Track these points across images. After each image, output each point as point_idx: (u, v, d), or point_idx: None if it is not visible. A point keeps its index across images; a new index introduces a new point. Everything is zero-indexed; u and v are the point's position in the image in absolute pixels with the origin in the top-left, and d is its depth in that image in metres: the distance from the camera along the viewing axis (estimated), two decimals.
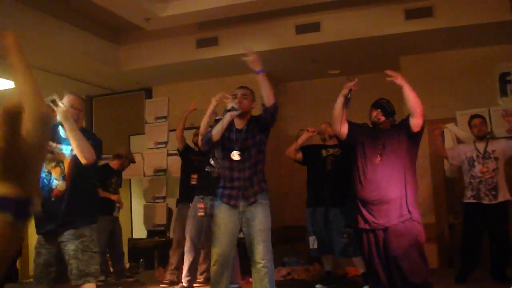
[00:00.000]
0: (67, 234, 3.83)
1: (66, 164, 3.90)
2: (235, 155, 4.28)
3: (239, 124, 4.44)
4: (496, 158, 5.73)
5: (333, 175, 5.65)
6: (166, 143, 8.69)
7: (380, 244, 4.40)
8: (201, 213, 5.60)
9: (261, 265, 4.16)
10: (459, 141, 6.80)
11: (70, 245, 3.82)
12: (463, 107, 7.08)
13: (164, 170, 8.57)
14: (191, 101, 8.63)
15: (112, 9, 6.51)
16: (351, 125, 4.65)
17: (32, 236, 4.22)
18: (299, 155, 5.94)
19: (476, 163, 5.75)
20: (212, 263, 4.26)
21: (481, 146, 5.82)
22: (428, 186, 7.31)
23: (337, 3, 6.67)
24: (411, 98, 4.40)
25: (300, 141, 5.87)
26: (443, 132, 7.11)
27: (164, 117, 8.80)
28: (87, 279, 3.81)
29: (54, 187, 3.88)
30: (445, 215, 6.98)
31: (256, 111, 4.59)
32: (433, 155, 7.33)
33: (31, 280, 4.83)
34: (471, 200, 5.75)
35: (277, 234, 8.06)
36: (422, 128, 4.51)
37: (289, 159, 6.20)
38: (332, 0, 6.50)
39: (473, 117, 6.02)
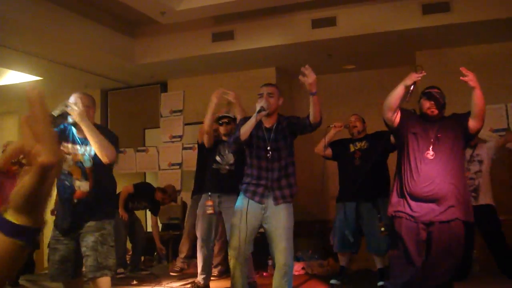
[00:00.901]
0: (87, 226, 3.83)
1: (87, 164, 3.89)
2: (270, 154, 4.27)
3: (267, 123, 4.39)
4: (480, 161, 5.66)
5: (362, 170, 5.47)
6: (181, 136, 8.71)
7: (422, 238, 4.19)
8: (210, 211, 5.59)
9: (283, 263, 4.17)
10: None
11: (89, 236, 3.81)
12: None
13: (179, 164, 8.60)
14: (206, 95, 8.66)
15: (127, 3, 6.52)
16: (404, 112, 4.38)
17: (48, 228, 4.24)
18: (328, 152, 5.85)
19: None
20: (230, 256, 4.27)
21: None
22: None
23: None
24: (480, 102, 4.18)
25: (328, 137, 5.76)
26: None
27: (180, 111, 8.81)
28: (105, 272, 3.80)
29: (77, 188, 3.84)
30: None
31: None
32: None
33: (46, 272, 4.86)
34: None
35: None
36: (478, 133, 4.37)
37: (304, 154, 6.17)
38: None
39: None
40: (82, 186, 3.85)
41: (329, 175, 6.15)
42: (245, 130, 4.22)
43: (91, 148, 3.84)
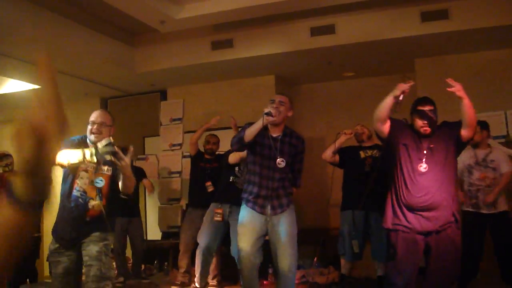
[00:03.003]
0: (92, 235, 3.86)
1: (104, 185, 3.93)
2: (281, 163, 4.28)
3: (274, 132, 4.42)
4: (494, 169, 5.65)
5: (371, 177, 5.43)
6: (181, 145, 8.71)
7: (419, 250, 4.26)
8: (218, 218, 5.61)
9: (286, 271, 4.22)
10: None
11: (94, 246, 3.83)
12: (479, 109, 6.99)
13: (179, 172, 8.60)
14: (206, 102, 8.67)
15: (127, 12, 6.54)
16: (393, 122, 4.39)
17: (48, 235, 4.24)
18: (336, 158, 5.84)
19: (474, 170, 5.66)
20: (238, 264, 4.30)
21: (480, 153, 5.71)
22: None
23: (352, 5, 6.65)
24: (470, 112, 4.26)
25: (338, 144, 5.72)
26: None
27: (179, 119, 8.82)
28: (107, 282, 3.81)
29: (90, 207, 3.88)
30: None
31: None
32: None
33: (46, 281, 4.88)
34: (470, 209, 5.65)
35: None
36: (469, 140, 4.42)
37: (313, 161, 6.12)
38: (347, 2, 6.47)
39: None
40: (96, 205, 3.88)
41: (328, 182, 6.16)
42: (250, 132, 4.23)
43: (109, 168, 3.94)
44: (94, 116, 3.98)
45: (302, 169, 4.57)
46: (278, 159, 4.29)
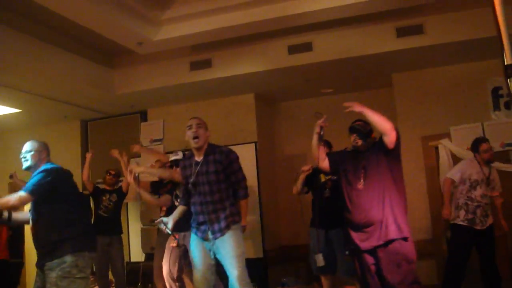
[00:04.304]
0: (50, 264, 3.96)
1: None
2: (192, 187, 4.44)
3: (198, 156, 4.52)
4: (493, 188, 5.81)
5: (332, 200, 5.65)
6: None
7: (371, 266, 4.44)
8: (173, 244, 5.62)
9: None
10: (453, 157, 6.86)
11: (52, 273, 3.93)
12: (457, 122, 7.14)
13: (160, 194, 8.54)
14: (186, 123, 8.68)
15: (104, 34, 6.54)
16: (330, 157, 4.79)
17: (30, 266, 4.32)
18: (304, 191, 6.03)
19: (478, 187, 5.74)
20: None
21: (486, 170, 5.82)
22: (424, 201, 7.33)
23: (328, 23, 6.71)
24: (375, 119, 4.40)
25: (299, 182, 5.90)
26: (437, 148, 7.17)
27: (160, 140, 8.80)
28: None
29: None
30: (442, 230, 6.96)
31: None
32: (428, 170, 7.37)
33: None
34: (465, 224, 5.73)
35: (275, 254, 8.07)
36: (398, 142, 4.48)
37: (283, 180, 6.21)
38: (323, 20, 6.54)
39: (481, 141, 5.91)
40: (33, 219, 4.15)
41: (308, 198, 6.21)
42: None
43: None
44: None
45: (241, 180, 4.55)
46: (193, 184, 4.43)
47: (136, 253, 8.73)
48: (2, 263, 6.52)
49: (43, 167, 4.17)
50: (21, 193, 3.94)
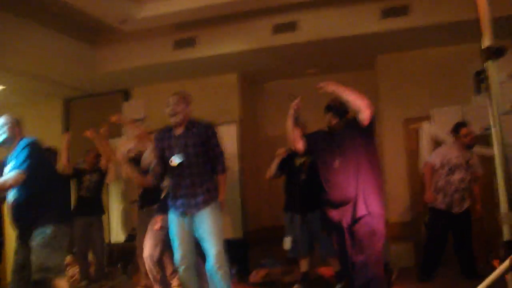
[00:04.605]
0: (33, 234, 4.07)
1: None
2: (172, 161, 4.33)
3: (178, 131, 4.48)
4: (472, 173, 5.83)
5: (307, 183, 5.77)
6: None
7: (347, 242, 4.48)
8: (156, 227, 5.58)
9: (215, 268, 4.26)
10: (434, 140, 6.90)
11: (33, 242, 4.03)
12: (439, 104, 7.16)
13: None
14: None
15: (87, 11, 6.45)
16: (306, 139, 4.76)
17: (10, 244, 4.31)
18: (277, 174, 6.16)
19: (457, 172, 5.78)
20: (179, 271, 4.35)
21: (466, 155, 5.85)
22: (404, 184, 7.38)
23: (313, 3, 6.68)
24: (349, 97, 4.43)
25: (274, 166, 6.08)
26: (418, 131, 7.20)
27: (142, 119, 8.73)
28: (46, 274, 3.97)
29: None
30: (421, 213, 7.02)
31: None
32: (409, 153, 7.40)
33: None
34: (443, 207, 5.79)
35: (256, 235, 8.09)
36: (373, 119, 4.48)
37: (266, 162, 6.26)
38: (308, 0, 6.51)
39: (461, 125, 5.97)
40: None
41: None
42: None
43: None
44: None
45: (219, 154, 4.52)
46: (172, 157, 4.34)
47: (116, 234, 8.72)
48: None
49: (24, 141, 4.19)
50: (15, 173, 4.01)
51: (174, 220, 4.43)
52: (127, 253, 7.83)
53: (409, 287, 5.80)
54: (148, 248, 5.63)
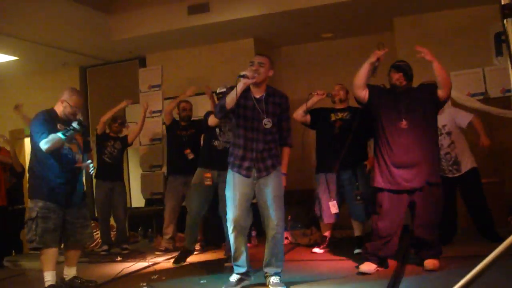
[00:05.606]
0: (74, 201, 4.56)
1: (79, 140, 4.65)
2: (267, 123, 4.25)
3: (256, 93, 4.35)
4: (448, 133, 5.68)
5: (341, 139, 5.53)
6: (161, 111, 8.62)
7: (403, 206, 4.50)
8: (208, 182, 5.57)
9: (275, 231, 4.24)
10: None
11: (74, 211, 4.56)
12: (458, 67, 7.05)
13: (160, 139, 8.54)
14: (184, 68, 8.59)
15: None
16: (371, 89, 4.61)
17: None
18: (307, 118, 5.79)
19: (448, 137, 5.68)
20: (230, 230, 4.29)
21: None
22: None
23: None
24: (442, 73, 4.45)
25: (310, 104, 5.69)
26: None
27: (158, 86, 8.71)
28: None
29: (77, 160, 4.57)
30: None
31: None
32: None
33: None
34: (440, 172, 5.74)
35: None
36: (448, 98, 4.60)
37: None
38: None
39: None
40: (79, 158, 4.62)
41: (310, 143, 6.14)
42: (231, 99, 4.17)
43: None
44: None
45: (290, 128, 4.48)
46: (265, 120, 4.24)
47: (137, 199, 8.81)
48: (1, 210, 6.60)
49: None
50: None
51: (236, 179, 4.32)
52: (147, 217, 7.92)
53: None
54: (195, 206, 5.66)
